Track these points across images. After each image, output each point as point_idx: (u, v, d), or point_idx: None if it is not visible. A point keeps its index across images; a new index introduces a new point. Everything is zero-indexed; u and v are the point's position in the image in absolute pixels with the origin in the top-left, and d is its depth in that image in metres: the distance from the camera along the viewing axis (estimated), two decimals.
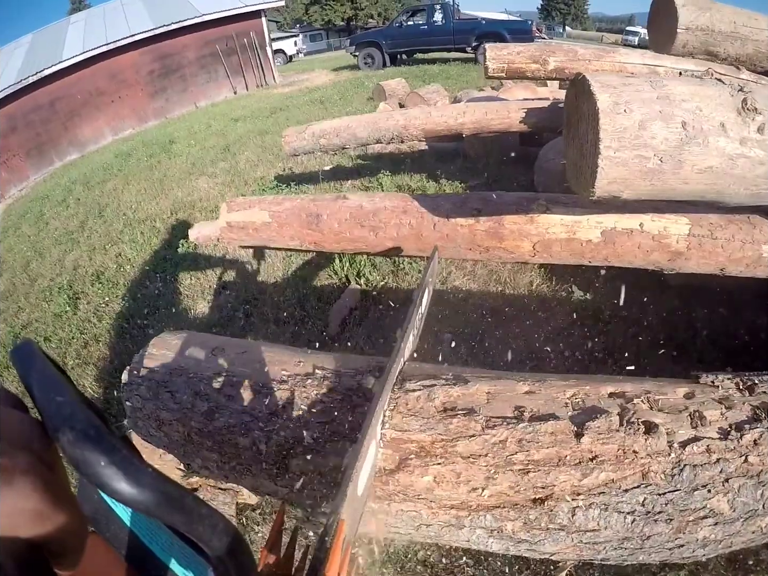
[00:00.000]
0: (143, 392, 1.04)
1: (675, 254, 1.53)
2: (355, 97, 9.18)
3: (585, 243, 1.51)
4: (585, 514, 0.67)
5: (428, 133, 3.05)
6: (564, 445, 0.69)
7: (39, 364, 0.28)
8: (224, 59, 13.71)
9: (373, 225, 1.62)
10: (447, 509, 0.69)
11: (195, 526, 0.27)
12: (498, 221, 1.53)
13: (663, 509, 0.70)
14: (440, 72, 10.24)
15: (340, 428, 0.76)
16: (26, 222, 7.06)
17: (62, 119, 12.09)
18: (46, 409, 0.25)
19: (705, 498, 0.71)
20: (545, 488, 0.67)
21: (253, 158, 6.27)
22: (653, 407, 0.77)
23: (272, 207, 1.85)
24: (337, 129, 2.96)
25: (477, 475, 0.68)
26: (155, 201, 5.73)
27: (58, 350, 3.34)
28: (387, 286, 2.87)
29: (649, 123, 0.92)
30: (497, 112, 3.18)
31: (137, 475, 0.24)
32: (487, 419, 0.72)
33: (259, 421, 0.82)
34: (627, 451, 0.70)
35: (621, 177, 0.95)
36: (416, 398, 0.76)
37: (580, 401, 0.76)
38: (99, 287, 4.04)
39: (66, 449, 0.23)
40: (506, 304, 2.55)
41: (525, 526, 0.68)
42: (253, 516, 1.93)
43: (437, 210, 1.60)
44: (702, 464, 0.71)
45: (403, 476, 0.70)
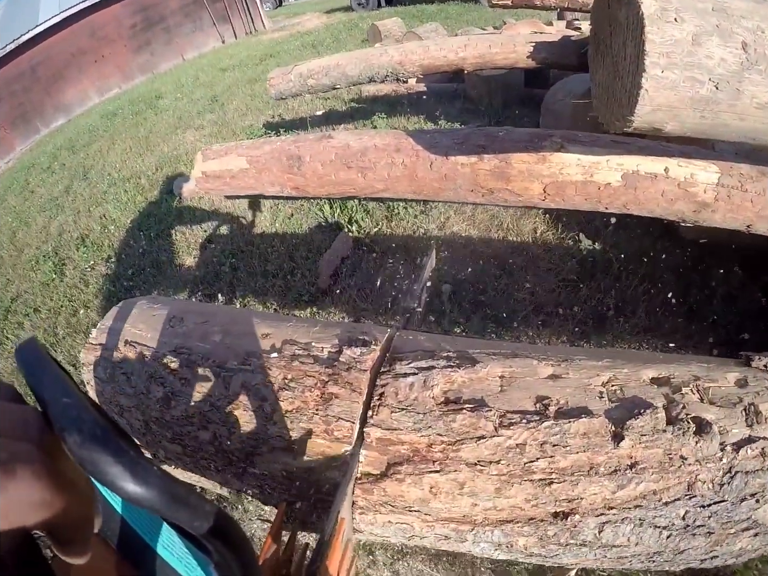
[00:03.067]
0: (100, 373, 0.90)
1: (701, 205, 1.34)
2: (349, 39, 8.72)
3: (603, 187, 1.31)
4: (615, 530, 0.54)
5: (426, 69, 2.77)
6: (598, 450, 0.54)
7: (44, 364, 0.28)
8: (209, 5, 12.95)
9: (362, 166, 1.42)
10: (445, 522, 0.55)
11: (199, 523, 0.27)
12: (505, 160, 1.33)
13: (704, 523, 0.57)
14: (439, 11, 9.65)
15: (314, 425, 0.60)
16: (12, 193, 6.91)
17: (45, 85, 11.60)
18: (52, 410, 0.25)
19: (751, 508, 0.58)
20: (570, 501, 0.53)
21: (242, 107, 6.03)
22: (704, 398, 0.61)
23: (250, 152, 1.65)
24: (326, 68, 2.69)
25: (485, 486, 0.53)
26: (141, 158, 5.54)
27: (48, 321, 3.30)
28: (381, 232, 2.70)
29: (704, 38, 0.71)
30: (502, 46, 2.88)
31: (144, 474, 0.24)
32: (501, 415, 0.56)
33: (219, 411, 0.67)
34: (674, 456, 0.55)
35: (668, 104, 0.75)
36: (409, 386, 0.59)
37: (617, 389, 0.60)
38: (84, 251, 3.95)
39: (73, 450, 0.23)
40: (509, 252, 2.38)
41: (540, 542, 0.55)
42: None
43: (435, 147, 1.40)
44: (755, 470, 0.58)
45: (392, 485, 0.56)
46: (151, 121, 7.04)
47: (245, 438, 0.65)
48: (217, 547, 0.28)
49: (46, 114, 11.76)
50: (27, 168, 7.99)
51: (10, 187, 7.34)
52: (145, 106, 8.18)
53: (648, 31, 0.69)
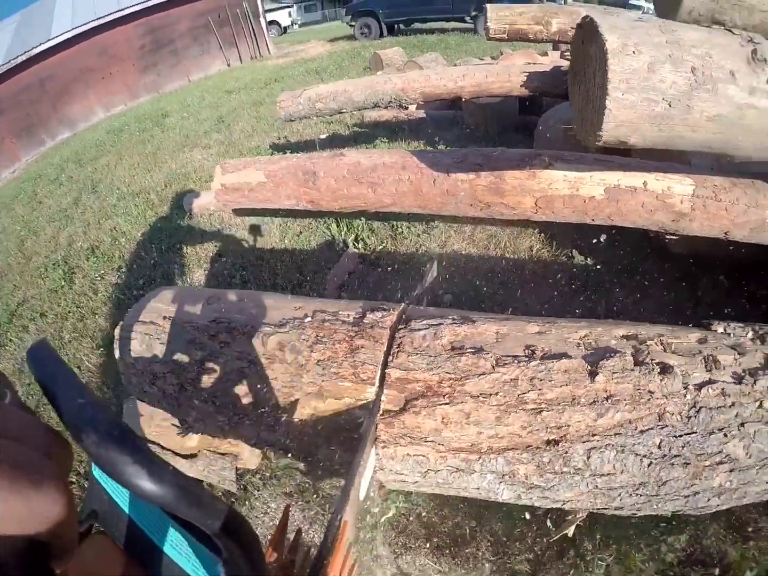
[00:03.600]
0: (136, 346, 1.01)
1: (679, 215, 1.50)
2: (351, 67, 8.99)
3: (588, 200, 1.47)
4: (601, 456, 0.66)
5: (427, 96, 2.97)
6: (578, 384, 0.67)
7: (56, 366, 0.28)
8: (216, 30, 13.36)
9: (372, 181, 1.58)
10: (456, 452, 0.67)
11: (211, 521, 0.28)
12: (499, 176, 1.49)
13: (680, 452, 0.69)
14: (439, 42, 10.02)
15: (343, 370, 0.73)
16: (19, 203, 6.94)
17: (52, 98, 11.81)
18: (68, 411, 0.25)
19: (721, 442, 0.69)
20: (559, 428, 0.65)
21: (248, 129, 6.18)
22: (667, 350, 0.75)
23: (267, 167, 1.80)
24: (333, 93, 2.88)
25: (487, 416, 0.65)
26: (149, 174, 5.64)
27: (54, 325, 3.34)
28: (385, 249, 2.83)
29: (658, 66, 0.88)
30: (498, 75, 3.09)
31: (159, 473, 0.25)
32: (497, 358, 0.69)
33: (257, 366, 0.79)
34: (642, 391, 0.68)
35: (628, 120, 0.92)
36: (422, 337, 0.73)
37: (592, 342, 0.74)
38: (94, 261, 3.99)
39: (91, 450, 0.24)
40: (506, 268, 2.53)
41: (538, 470, 0.66)
42: (254, 481, 1.93)
43: (437, 165, 1.56)
44: (717, 407, 0.70)
45: (409, 418, 0.68)
46: (158, 139, 7.17)
47: (280, 387, 0.77)
48: (228, 546, 0.29)
49: (52, 127, 11.94)
50: (34, 179, 8.06)
51: (17, 197, 7.36)
52: (152, 123, 8.33)
53: (611, 62, 0.85)
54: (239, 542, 0.30)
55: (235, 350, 0.84)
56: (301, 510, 1.86)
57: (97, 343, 2.98)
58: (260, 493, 1.89)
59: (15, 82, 11.08)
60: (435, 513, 1.69)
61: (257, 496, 1.88)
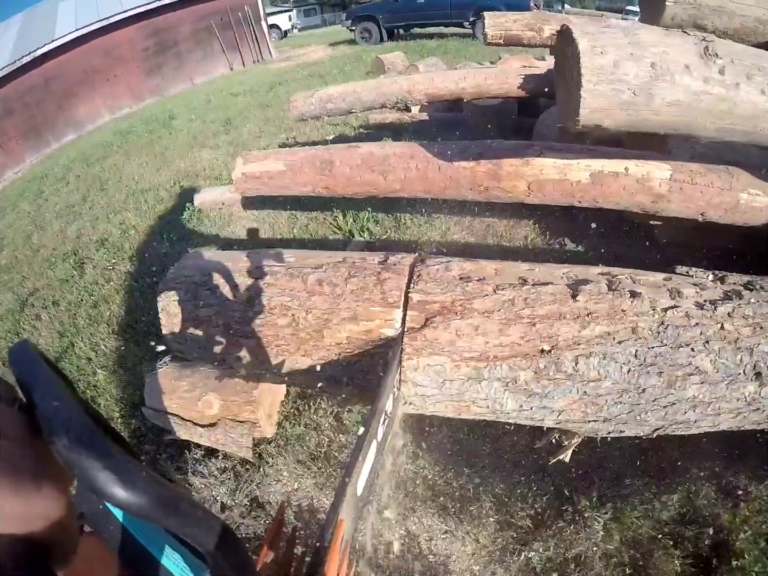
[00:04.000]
0: (182, 295, 1.16)
1: (658, 197, 1.69)
2: (353, 71, 9.12)
3: (575, 183, 1.67)
4: (587, 362, 0.83)
5: (431, 97, 3.18)
6: (563, 303, 0.86)
7: (35, 366, 0.27)
8: (219, 34, 13.55)
9: (383, 169, 1.77)
10: (467, 361, 0.84)
11: (191, 528, 0.27)
12: (497, 164, 1.69)
13: (654, 362, 0.84)
14: (438, 47, 10.18)
15: (374, 296, 0.92)
16: (25, 200, 7.00)
17: (57, 99, 11.90)
18: (42, 413, 0.25)
19: (689, 355, 0.84)
20: (551, 338, 0.83)
21: (256, 130, 6.30)
22: (636, 282, 0.93)
23: (287, 157, 1.99)
24: (343, 93, 3.08)
25: (492, 328, 0.83)
26: (158, 173, 5.72)
27: (68, 312, 3.42)
28: (389, 238, 3.01)
29: (622, 62, 1.07)
30: (496, 78, 3.31)
31: (132, 479, 0.24)
32: (496, 285, 0.88)
33: (299, 299, 0.98)
34: (617, 309, 0.86)
35: (600, 107, 1.11)
36: (436, 270, 0.92)
37: (573, 276, 0.92)
38: (104, 252, 4.06)
39: (61, 454, 0.23)
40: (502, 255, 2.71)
41: (535, 376, 0.83)
42: (268, 449, 2.05)
43: (442, 155, 1.76)
44: (683, 326, 0.86)
45: (429, 332, 0.85)
46: (166, 140, 7.24)
47: (320, 314, 0.94)
48: (211, 552, 0.28)
49: (57, 128, 12.03)
50: (39, 178, 8.08)
51: (22, 194, 7.43)
52: (159, 125, 8.41)
53: (583, 60, 1.04)
54: (224, 550, 0.29)
55: (278, 289, 1.02)
56: (313, 477, 1.98)
57: (113, 328, 3.08)
58: (274, 461, 1.99)
59: (20, 83, 11.19)
60: (440, 476, 1.82)
61: (271, 464, 1.99)
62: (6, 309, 3.84)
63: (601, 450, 1.79)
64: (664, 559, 1.48)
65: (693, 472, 1.66)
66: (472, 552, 1.61)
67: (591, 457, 1.79)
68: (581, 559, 1.52)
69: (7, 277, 4.46)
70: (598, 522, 1.57)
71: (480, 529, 1.64)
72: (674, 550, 1.50)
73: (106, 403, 2.54)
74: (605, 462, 1.78)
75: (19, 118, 11.41)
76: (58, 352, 3.08)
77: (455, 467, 1.84)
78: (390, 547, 1.65)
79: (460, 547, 1.63)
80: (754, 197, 1.66)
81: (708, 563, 1.45)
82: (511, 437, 1.91)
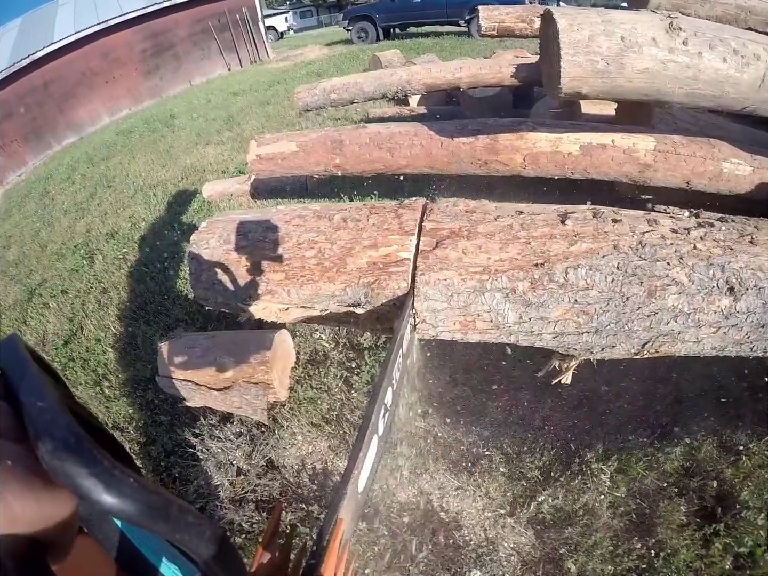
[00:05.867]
0: (213, 243, 1.24)
1: (644, 166, 1.85)
2: (350, 69, 9.15)
3: (566, 155, 1.83)
4: (575, 273, 0.96)
5: (429, 87, 3.33)
6: (554, 227, 1.00)
7: (22, 365, 0.27)
8: (217, 35, 13.65)
9: (390, 146, 1.93)
10: (472, 275, 0.97)
11: (181, 534, 0.27)
12: (494, 139, 1.85)
13: (634, 272, 0.95)
14: (434, 45, 10.25)
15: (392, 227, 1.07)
16: (30, 200, 7.05)
17: (57, 101, 11.94)
18: (26, 415, 0.24)
19: (665, 268, 0.95)
20: (543, 254, 0.97)
21: (258, 126, 6.39)
22: (617, 214, 1.08)
23: (299, 138, 2.15)
24: (346, 84, 3.23)
25: (493, 246, 0.98)
26: (164, 169, 5.80)
27: (77, 300, 3.51)
28: None
29: (596, 37, 1.24)
30: (491, 67, 3.46)
31: (118, 485, 0.23)
32: (497, 215, 1.03)
33: (325, 234, 1.11)
34: (600, 231, 1.00)
35: (578, 75, 1.27)
36: (445, 206, 1.08)
37: (563, 210, 1.08)
38: (114, 244, 4.14)
39: (45, 459, 0.23)
40: None
41: (531, 286, 0.96)
42: (282, 412, 2.16)
43: (443, 132, 1.91)
44: (659, 244, 0.98)
45: (440, 251, 1.00)
46: (170, 138, 7.32)
47: (343, 244, 1.07)
48: (204, 560, 0.28)
49: (58, 130, 12.06)
50: (44, 179, 8.11)
51: (28, 195, 7.48)
52: (161, 124, 8.47)
53: (561, 36, 1.21)
54: (216, 555, 0.29)
55: (306, 228, 1.13)
56: (327, 439, 2.09)
57: (123, 311, 3.16)
58: (288, 424, 2.10)
59: (20, 86, 11.23)
60: (449, 435, 1.91)
61: (285, 427, 2.09)
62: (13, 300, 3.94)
63: (603, 406, 1.90)
64: (669, 508, 1.54)
65: (693, 429, 1.74)
66: (482, 507, 1.68)
67: (594, 413, 1.89)
68: (589, 508, 1.59)
69: (15, 271, 4.55)
70: (604, 473, 1.64)
71: (491, 483, 1.71)
72: (679, 499, 1.56)
73: (117, 379, 2.63)
74: (608, 418, 1.87)
75: (20, 120, 11.43)
76: (67, 335, 3.17)
77: (464, 426, 1.93)
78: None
79: (472, 502, 1.69)
80: (737, 166, 1.81)
81: (713, 514, 1.51)
82: (517, 394, 2.02)
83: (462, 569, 1.55)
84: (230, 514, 1.81)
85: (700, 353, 1.03)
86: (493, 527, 1.63)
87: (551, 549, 1.55)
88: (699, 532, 1.48)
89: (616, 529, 1.56)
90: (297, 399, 2.21)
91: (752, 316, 0.94)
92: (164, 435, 2.24)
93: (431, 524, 1.67)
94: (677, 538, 1.48)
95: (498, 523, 1.63)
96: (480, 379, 2.12)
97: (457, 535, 1.63)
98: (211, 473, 1.98)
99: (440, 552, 1.59)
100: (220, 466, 2.00)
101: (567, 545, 1.54)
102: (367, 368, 2.21)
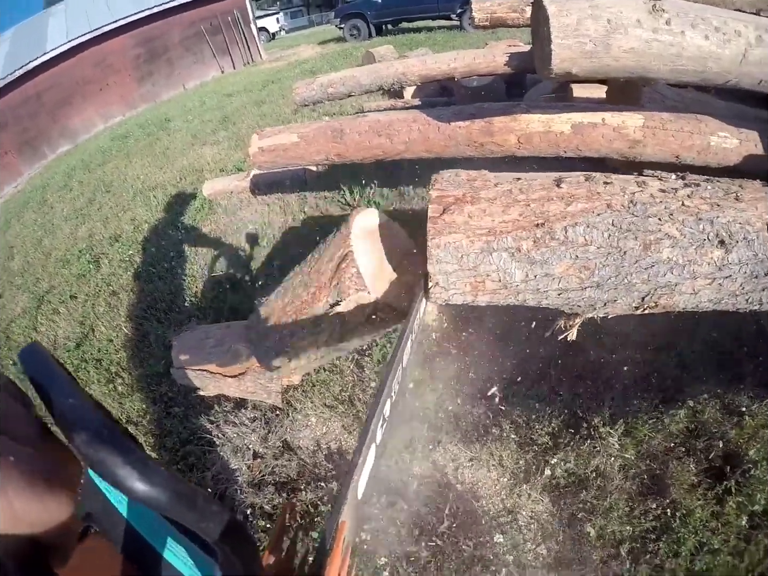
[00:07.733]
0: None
1: (633, 142, 1.90)
2: (344, 66, 9.20)
3: (559, 134, 1.88)
4: (574, 230, 1.02)
5: (424, 78, 3.38)
6: (550, 190, 1.06)
7: (48, 366, 0.28)
8: (209, 39, 13.72)
9: (389, 133, 1.98)
10: (479, 236, 1.02)
11: (205, 523, 0.28)
12: (489, 121, 1.90)
13: (629, 228, 1.01)
14: (426, 39, 10.28)
15: None
16: (29, 210, 7.04)
17: (51, 111, 12.02)
18: (58, 411, 0.25)
19: (657, 224, 1.01)
20: (543, 214, 1.03)
21: (254, 125, 6.39)
22: (608, 177, 1.14)
23: (300, 129, 2.20)
24: (343, 79, 3.29)
25: (496, 209, 1.04)
26: (162, 171, 5.83)
27: (86, 304, 3.55)
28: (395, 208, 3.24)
29: (583, 20, 1.29)
30: (484, 57, 3.51)
31: (151, 474, 0.24)
32: (497, 182, 1.09)
33: None
34: (593, 192, 1.06)
35: (568, 57, 1.32)
36: (448, 176, 1.13)
37: (557, 175, 1.13)
38: (119, 247, 4.17)
39: (81, 449, 0.23)
40: None
41: (535, 245, 1.02)
42: (296, 395, 2.20)
43: (440, 117, 1.97)
44: (649, 203, 1.04)
45: (447, 216, 1.05)
46: (166, 140, 7.34)
47: None
48: (223, 548, 0.29)
49: (52, 140, 12.13)
50: (41, 188, 8.14)
51: (27, 204, 7.46)
52: (156, 128, 8.51)
53: (551, 21, 1.26)
54: (235, 545, 0.30)
55: None
56: (340, 419, 2.14)
57: (134, 312, 3.20)
58: (302, 406, 2.14)
59: (13, 97, 11.32)
60: (459, 407, 1.95)
61: (299, 409, 2.13)
62: (22, 308, 3.95)
63: (607, 372, 1.95)
64: (679, 468, 1.58)
65: (696, 393, 1.78)
66: (497, 477, 1.72)
67: (599, 379, 1.94)
68: (601, 471, 1.63)
69: (21, 280, 4.56)
70: (612, 436, 1.69)
71: (503, 450, 1.76)
72: (688, 459, 1.60)
73: (130, 376, 2.68)
74: (613, 383, 1.92)
75: (13, 131, 11.52)
76: (79, 338, 3.20)
77: (473, 399, 1.97)
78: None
79: (486, 473, 1.74)
80: (724, 139, 1.87)
81: (722, 472, 1.54)
82: (524, 365, 2.06)
83: (484, 538, 1.58)
84: (250, 497, 1.85)
85: (697, 306, 1.08)
86: (509, 497, 1.67)
87: (569, 514, 1.58)
88: (711, 491, 1.51)
89: (630, 491, 1.59)
90: (310, 381, 2.26)
91: (744, 266, 1.00)
92: (179, 425, 2.29)
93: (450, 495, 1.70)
94: (690, 498, 1.51)
95: (514, 492, 1.67)
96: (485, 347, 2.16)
97: (476, 504, 1.67)
98: (228, 459, 2.02)
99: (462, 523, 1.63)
100: (237, 450, 2.04)
101: (584, 510, 1.57)
102: (378, 348, 2.26)
